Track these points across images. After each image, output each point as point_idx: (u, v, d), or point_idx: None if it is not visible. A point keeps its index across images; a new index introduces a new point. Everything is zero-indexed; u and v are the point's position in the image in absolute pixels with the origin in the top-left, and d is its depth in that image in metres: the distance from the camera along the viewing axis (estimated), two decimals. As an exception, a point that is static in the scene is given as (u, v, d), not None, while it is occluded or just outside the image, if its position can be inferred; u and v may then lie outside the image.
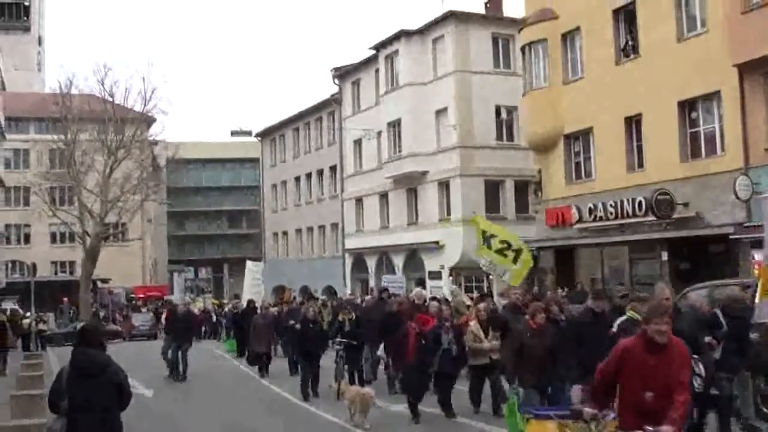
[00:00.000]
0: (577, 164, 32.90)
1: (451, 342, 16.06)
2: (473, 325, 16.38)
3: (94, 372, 8.36)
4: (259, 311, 30.96)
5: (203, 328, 47.76)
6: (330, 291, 49.47)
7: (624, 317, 11.92)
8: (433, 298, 23.03)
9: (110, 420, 8.41)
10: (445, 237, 41.43)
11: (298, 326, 20.43)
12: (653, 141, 28.46)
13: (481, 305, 17.43)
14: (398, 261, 45.83)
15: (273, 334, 27.70)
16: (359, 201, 51.76)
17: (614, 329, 11.69)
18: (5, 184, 61.67)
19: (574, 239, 32.37)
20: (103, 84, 59.75)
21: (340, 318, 20.69)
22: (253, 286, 38.96)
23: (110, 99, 59.74)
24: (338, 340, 20.08)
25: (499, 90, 39.79)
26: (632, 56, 29.73)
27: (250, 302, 33.79)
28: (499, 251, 25.93)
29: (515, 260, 25.98)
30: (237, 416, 18.31)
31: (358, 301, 30.63)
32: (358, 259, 51.94)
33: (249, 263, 41.45)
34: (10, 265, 65.96)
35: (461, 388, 17.03)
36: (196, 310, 50.20)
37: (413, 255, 44.70)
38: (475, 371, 16.57)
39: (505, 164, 40.58)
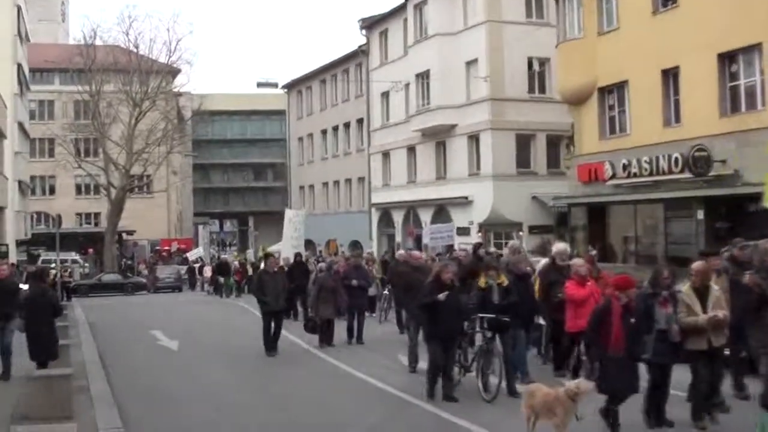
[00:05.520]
0: (612, 118, 32.18)
1: (671, 319, 11.00)
2: (686, 290, 11.35)
3: (41, 296, 14.93)
4: (313, 267, 26.92)
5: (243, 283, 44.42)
6: (356, 246, 49.31)
7: None
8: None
9: (50, 324, 14.76)
10: (475, 192, 41.05)
11: (441, 297, 13.35)
12: (691, 95, 27.73)
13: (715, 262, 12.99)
14: (426, 216, 45.45)
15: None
16: (386, 155, 51.40)
17: None
18: (30, 136, 61.90)
19: (607, 196, 31.84)
20: (127, 35, 60.12)
21: (482, 283, 14.00)
22: (294, 238, 35.70)
23: (135, 50, 59.93)
24: (481, 315, 13.91)
25: (532, 41, 38.99)
26: (670, 6, 28.87)
27: (297, 255, 29.35)
28: None
29: None
30: (288, 385, 15.80)
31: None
32: (385, 214, 51.70)
33: (288, 211, 38.29)
34: (35, 216, 66.43)
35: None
36: (236, 263, 48.25)
37: (441, 210, 44.31)
38: (694, 360, 11.16)
39: (536, 118, 39.93)
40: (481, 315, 13.87)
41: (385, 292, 26.36)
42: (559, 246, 17.00)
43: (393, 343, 19.73)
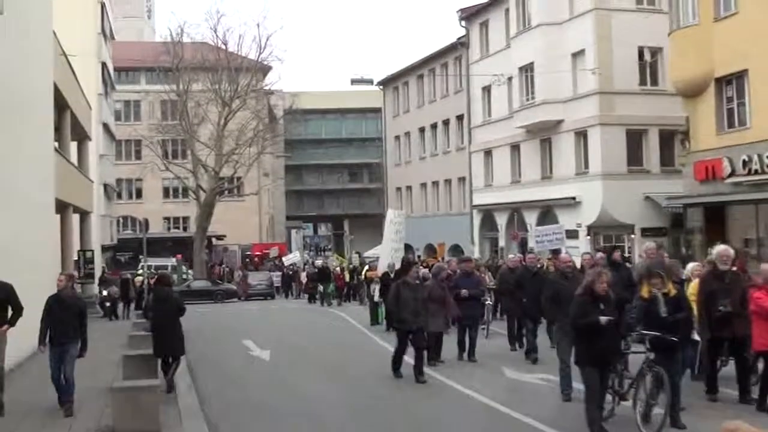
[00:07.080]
0: (730, 111, 31.78)
1: None
2: None
3: (166, 298, 17.04)
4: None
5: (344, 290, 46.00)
6: (456, 250, 49.44)
7: None
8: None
9: (175, 323, 16.45)
10: (583, 192, 40.87)
11: (603, 321, 11.78)
12: (817, 84, 27.31)
13: None
14: (531, 218, 45.35)
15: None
16: (488, 153, 51.43)
17: None
18: (116, 137, 63.55)
19: (725, 195, 31.47)
20: (215, 31, 61.02)
21: (645, 292, 12.61)
22: (395, 241, 33.25)
23: (223, 47, 60.84)
24: (642, 332, 12.24)
25: (643, 29, 38.79)
26: (794, -12, 28.53)
27: (405, 260, 28.18)
28: None
29: None
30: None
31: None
32: (487, 216, 51.73)
33: (390, 211, 36.98)
34: (121, 220, 68.10)
35: None
36: (337, 269, 48.40)
37: (547, 212, 44.20)
38: None
39: (648, 112, 39.56)
40: (643, 332, 12.23)
41: (488, 302, 25.32)
42: (719, 248, 15.00)
43: (504, 358, 19.65)
